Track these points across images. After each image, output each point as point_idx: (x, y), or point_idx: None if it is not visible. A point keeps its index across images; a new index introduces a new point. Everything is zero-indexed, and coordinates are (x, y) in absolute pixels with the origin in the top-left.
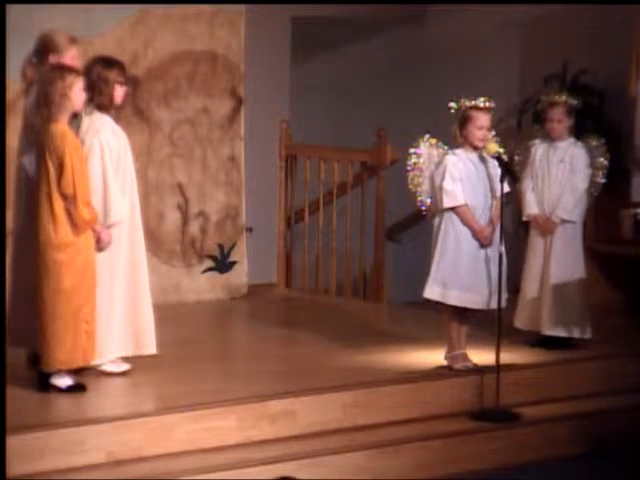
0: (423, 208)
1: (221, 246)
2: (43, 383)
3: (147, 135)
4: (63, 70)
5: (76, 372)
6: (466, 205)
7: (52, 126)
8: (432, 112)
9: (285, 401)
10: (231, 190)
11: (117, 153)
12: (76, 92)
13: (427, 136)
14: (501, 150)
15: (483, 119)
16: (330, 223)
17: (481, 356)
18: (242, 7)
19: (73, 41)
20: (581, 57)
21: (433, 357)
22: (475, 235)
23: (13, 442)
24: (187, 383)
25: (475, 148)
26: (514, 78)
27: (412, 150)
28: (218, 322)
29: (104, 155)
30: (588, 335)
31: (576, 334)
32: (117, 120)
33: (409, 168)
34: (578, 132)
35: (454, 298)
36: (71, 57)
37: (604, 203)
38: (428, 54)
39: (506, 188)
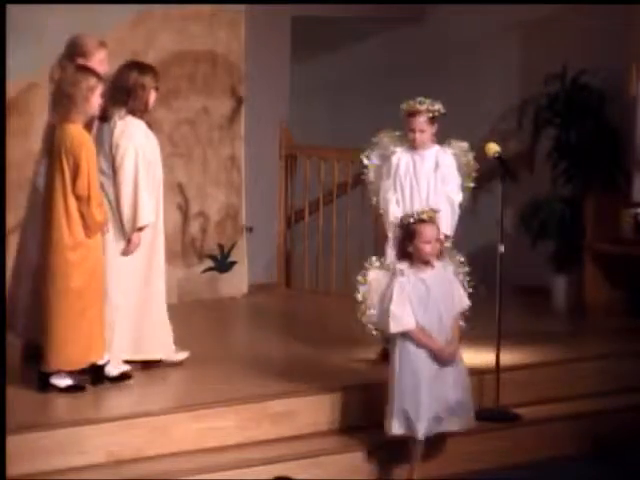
0: (374, 332)
1: (221, 246)
2: (43, 383)
3: None
4: (87, 73)
5: (80, 372)
6: (417, 328)
7: (69, 127)
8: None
9: (285, 401)
10: (231, 190)
11: (148, 157)
12: (96, 95)
13: (374, 259)
14: (500, 150)
15: (430, 231)
16: (330, 223)
17: (481, 356)
18: (242, 7)
19: (102, 45)
20: (581, 57)
21: None
22: (434, 355)
23: (13, 442)
24: (187, 383)
25: (426, 264)
26: (514, 78)
27: (359, 277)
28: (218, 322)
29: (137, 159)
30: None
31: None
32: (150, 124)
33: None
34: (578, 132)
35: (423, 430)
36: (99, 61)
37: (604, 203)
38: (428, 54)
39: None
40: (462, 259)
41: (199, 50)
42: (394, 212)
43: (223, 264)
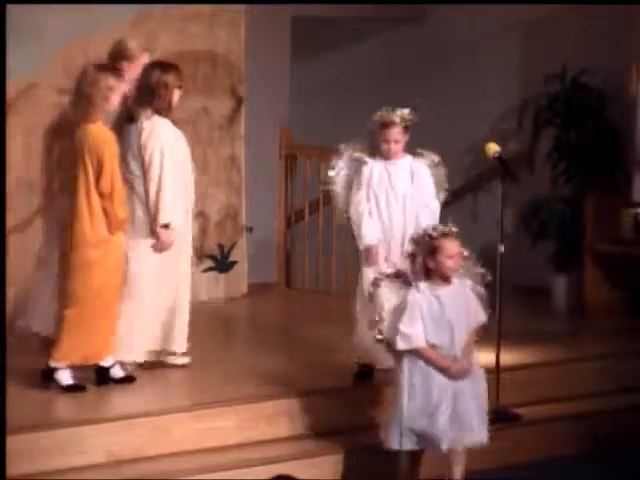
0: (379, 337)
1: (221, 246)
2: (47, 378)
3: None
4: (106, 73)
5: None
6: (427, 347)
7: (90, 126)
8: (432, 112)
9: (285, 401)
10: (231, 190)
11: (177, 157)
12: (116, 94)
13: (388, 269)
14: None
15: (453, 246)
16: (330, 223)
17: (481, 356)
18: (242, 7)
19: (146, 50)
20: (581, 57)
21: None
22: (446, 373)
23: (13, 442)
24: (187, 382)
25: (445, 280)
26: (514, 78)
27: (370, 286)
28: (218, 322)
29: (164, 159)
30: None
31: None
32: (175, 123)
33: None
34: (578, 132)
35: (445, 445)
36: (141, 65)
37: (604, 203)
38: (428, 54)
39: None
40: (481, 271)
41: (199, 50)
42: (368, 224)
43: (223, 264)
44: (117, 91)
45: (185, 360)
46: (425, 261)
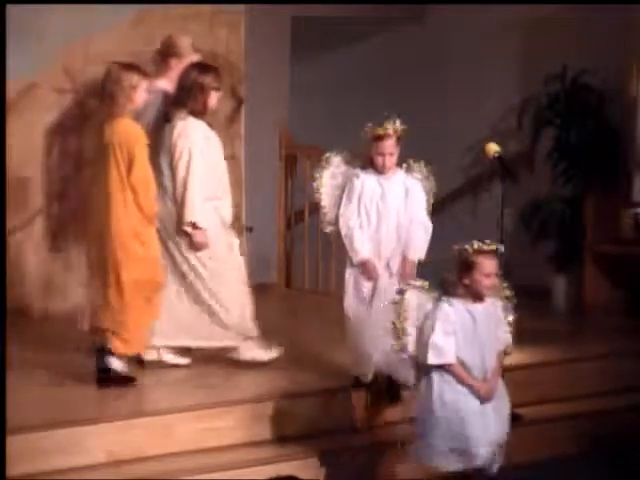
0: (405, 356)
1: None
2: (102, 363)
3: None
4: (130, 71)
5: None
6: (457, 363)
7: (119, 121)
8: (432, 112)
9: (284, 401)
10: (231, 190)
11: (208, 159)
12: (140, 92)
13: (425, 283)
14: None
15: (491, 264)
16: None
17: None
18: (242, 7)
19: (194, 48)
20: (581, 57)
21: None
22: (475, 393)
23: (13, 442)
24: (187, 382)
25: (478, 298)
26: (514, 78)
27: (395, 297)
28: None
29: (191, 160)
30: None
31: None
32: (211, 125)
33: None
34: (578, 132)
35: (480, 461)
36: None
37: (604, 203)
38: (428, 54)
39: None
40: (509, 293)
41: (199, 50)
42: (360, 238)
43: None
44: (141, 89)
45: (185, 361)
46: (459, 277)
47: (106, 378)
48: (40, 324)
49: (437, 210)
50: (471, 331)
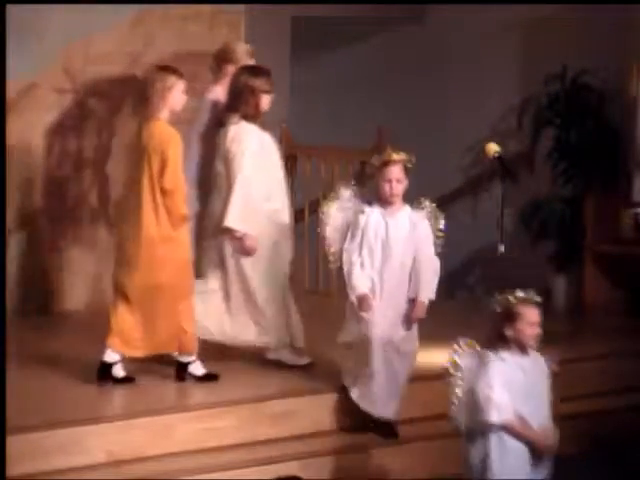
0: (457, 423)
1: None
2: (181, 373)
3: None
4: (165, 72)
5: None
6: (517, 418)
7: (154, 123)
8: (432, 112)
9: (285, 401)
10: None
11: (261, 162)
12: (175, 94)
13: (466, 342)
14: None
15: (535, 313)
16: None
17: None
18: (242, 7)
19: (251, 54)
20: (581, 57)
21: (433, 357)
22: (534, 447)
23: (13, 442)
24: (187, 383)
25: (523, 349)
26: (514, 78)
27: (451, 359)
28: None
29: (242, 165)
30: None
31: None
32: (263, 127)
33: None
34: (578, 132)
35: None
36: None
37: (604, 203)
38: (428, 54)
39: None
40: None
41: (199, 50)
42: (358, 276)
43: None
44: (176, 91)
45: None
46: (502, 328)
47: (104, 374)
48: (40, 324)
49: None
50: (523, 384)
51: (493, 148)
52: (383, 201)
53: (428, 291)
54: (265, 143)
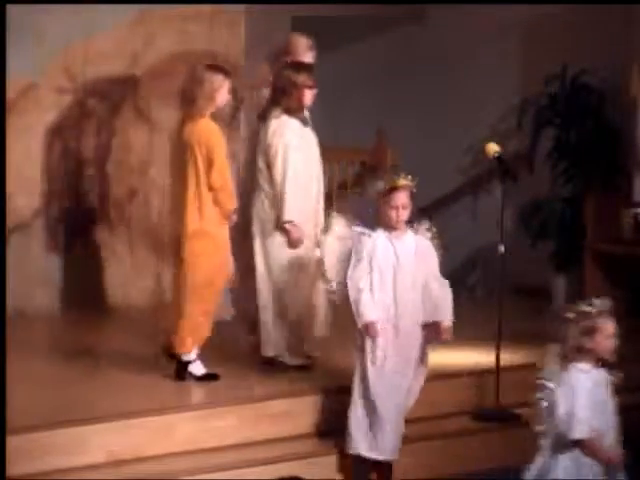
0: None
1: None
2: (181, 372)
3: (147, 135)
4: (213, 71)
5: None
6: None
7: (199, 121)
8: (432, 112)
9: (285, 401)
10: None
11: (302, 157)
12: (222, 93)
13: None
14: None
15: (611, 325)
16: None
17: (481, 356)
18: (242, 7)
19: (311, 48)
20: (581, 57)
21: (433, 357)
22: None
23: (13, 442)
24: (187, 383)
25: (600, 362)
26: (514, 78)
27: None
28: (218, 322)
29: (286, 158)
30: None
31: None
32: (304, 122)
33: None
34: (578, 132)
35: None
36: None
37: (604, 203)
38: (428, 54)
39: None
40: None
41: (199, 50)
42: (367, 302)
43: None
44: (224, 90)
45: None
46: (580, 340)
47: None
48: (40, 324)
49: (437, 210)
50: (603, 400)
51: (493, 148)
52: (388, 227)
53: (449, 312)
54: (305, 137)
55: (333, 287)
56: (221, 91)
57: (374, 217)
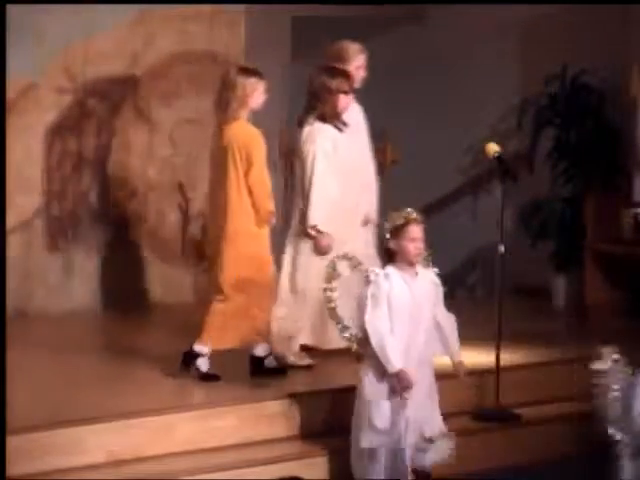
0: (612, 434)
1: None
2: (187, 361)
3: (147, 135)
4: (247, 75)
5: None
6: None
7: (238, 123)
8: (432, 112)
9: (285, 401)
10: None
11: (335, 162)
12: (256, 96)
13: (613, 355)
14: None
15: None
16: None
17: (481, 356)
18: (242, 7)
19: (362, 52)
20: (581, 57)
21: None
22: None
23: (13, 442)
24: (187, 382)
25: None
26: (514, 78)
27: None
28: None
29: (314, 165)
30: None
31: None
32: (342, 128)
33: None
34: (578, 132)
35: None
36: (356, 67)
37: (604, 203)
38: (428, 54)
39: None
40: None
41: (199, 50)
42: (393, 346)
43: None
44: (258, 93)
45: (307, 361)
46: None
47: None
48: (40, 324)
49: (437, 210)
50: None
51: (493, 148)
52: (405, 262)
53: (458, 349)
54: (339, 142)
55: (352, 334)
56: (255, 94)
57: (383, 257)
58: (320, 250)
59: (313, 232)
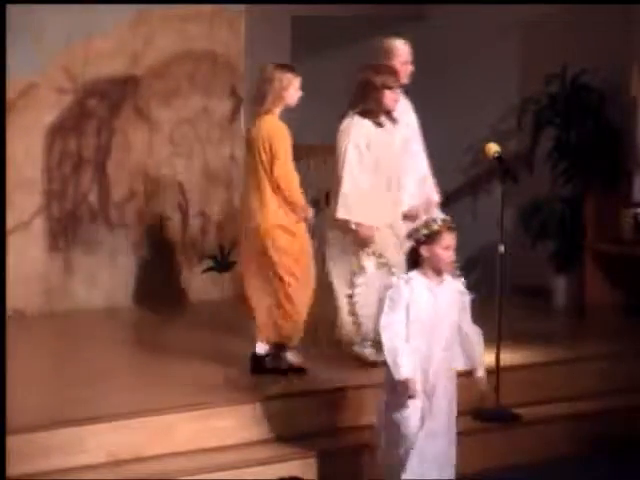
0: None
1: (221, 246)
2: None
3: (147, 134)
4: (283, 70)
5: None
6: None
7: (266, 118)
8: (432, 112)
9: (285, 401)
10: (231, 190)
11: (370, 156)
12: (291, 91)
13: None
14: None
15: None
16: None
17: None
18: (242, 7)
19: (407, 46)
20: (581, 57)
21: None
22: None
23: (13, 442)
24: (187, 382)
25: None
26: (514, 78)
27: None
28: (218, 322)
29: (345, 157)
30: None
31: None
32: (381, 124)
33: None
34: (578, 132)
35: None
36: (401, 62)
37: (604, 203)
38: (428, 54)
39: None
40: None
41: (199, 50)
42: (405, 352)
43: (223, 264)
44: (293, 88)
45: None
46: None
47: (257, 366)
48: (40, 324)
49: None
50: None
51: (493, 148)
52: (433, 269)
53: (483, 362)
54: (375, 137)
55: (368, 345)
56: (290, 89)
57: (407, 264)
58: (361, 242)
59: (354, 226)
